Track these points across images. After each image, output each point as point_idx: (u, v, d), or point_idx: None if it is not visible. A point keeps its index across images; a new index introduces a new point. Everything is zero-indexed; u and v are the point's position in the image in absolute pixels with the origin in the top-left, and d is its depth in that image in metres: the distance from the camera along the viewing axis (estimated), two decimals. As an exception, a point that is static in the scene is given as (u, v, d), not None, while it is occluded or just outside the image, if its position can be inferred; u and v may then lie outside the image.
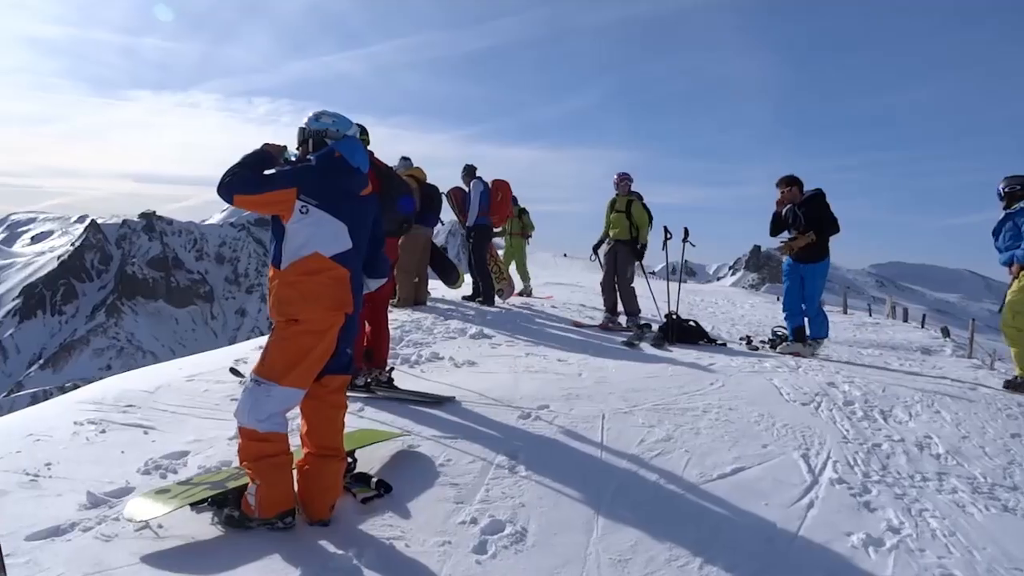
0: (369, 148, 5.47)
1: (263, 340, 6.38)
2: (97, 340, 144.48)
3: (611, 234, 9.06)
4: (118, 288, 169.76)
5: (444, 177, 10.54)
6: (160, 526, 3.14)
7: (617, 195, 9.07)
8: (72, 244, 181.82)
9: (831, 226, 7.23)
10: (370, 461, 3.97)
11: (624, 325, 8.91)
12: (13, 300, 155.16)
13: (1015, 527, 3.53)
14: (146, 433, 4.30)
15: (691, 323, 7.96)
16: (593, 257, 9.59)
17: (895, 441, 4.54)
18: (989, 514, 3.65)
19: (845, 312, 17.37)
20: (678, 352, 7.10)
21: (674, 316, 7.79)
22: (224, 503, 3.26)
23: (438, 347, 6.80)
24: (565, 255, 42.00)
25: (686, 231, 8.19)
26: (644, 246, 8.96)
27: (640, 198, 9.00)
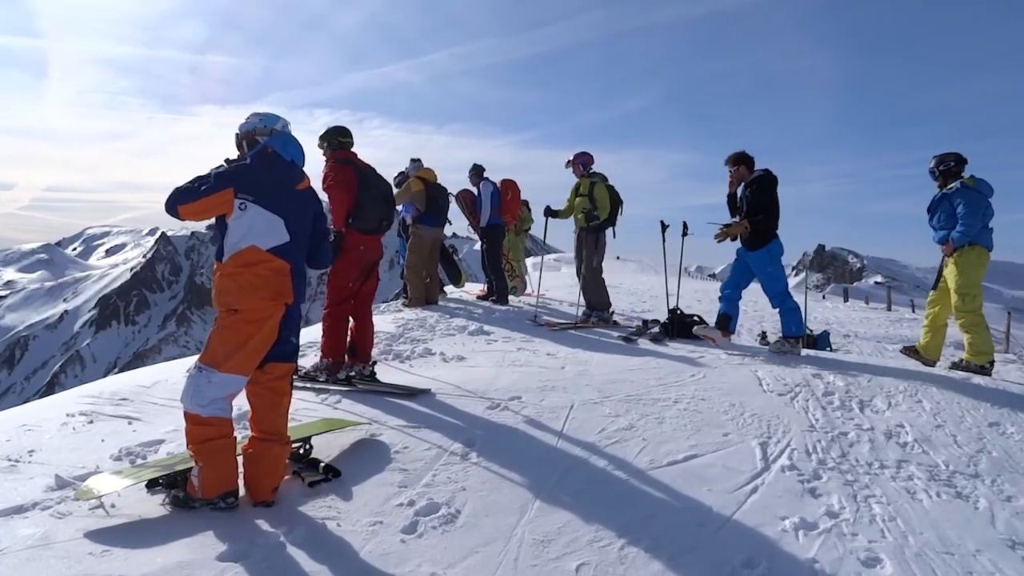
0: (352, 150, 5.65)
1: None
2: (168, 349, 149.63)
3: (576, 219, 8.65)
4: (187, 298, 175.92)
5: (526, 185, 10.32)
6: (112, 505, 3.35)
7: (580, 179, 8.60)
8: (144, 256, 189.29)
9: (767, 214, 6.57)
10: (329, 448, 4.12)
11: (612, 321, 8.63)
12: (89, 311, 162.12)
13: (961, 513, 3.47)
14: (130, 423, 4.54)
15: (695, 318, 7.90)
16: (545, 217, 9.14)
17: (863, 430, 4.47)
18: (939, 501, 3.58)
19: (889, 309, 16.98)
20: (674, 346, 7.06)
21: (677, 312, 7.75)
22: (175, 484, 3.45)
23: (434, 343, 6.93)
24: (618, 258, 41.99)
25: (685, 225, 8.00)
26: (604, 223, 8.43)
27: (604, 179, 8.54)
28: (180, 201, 3.36)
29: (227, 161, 3.56)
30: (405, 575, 2.87)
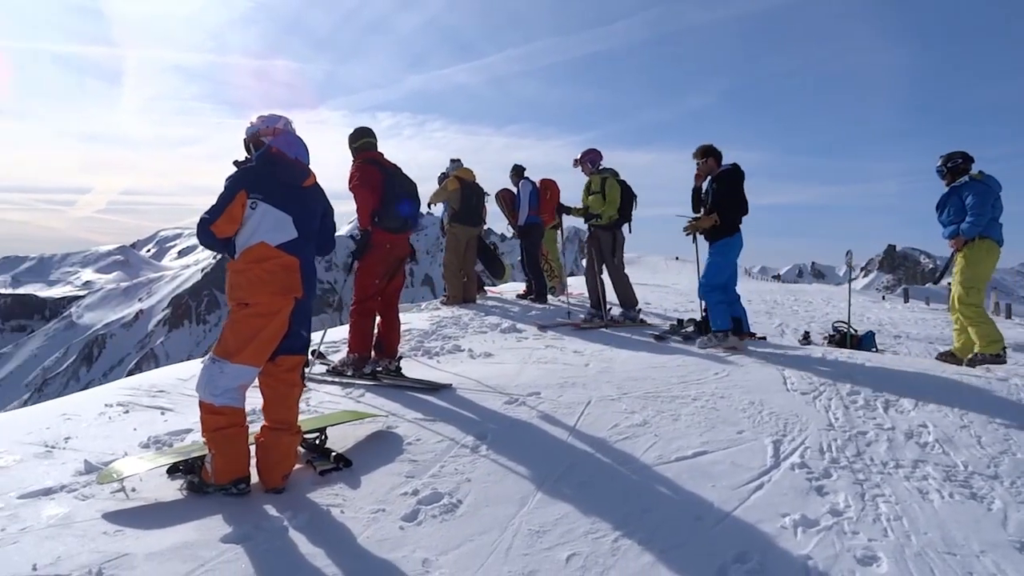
0: (379, 149, 5.80)
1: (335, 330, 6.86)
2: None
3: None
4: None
5: (566, 185, 10.28)
6: (133, 489, 3.53)
7: (590, 176, 8.42)
8: (214, 257, 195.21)
9: (732, 208, 6.53)
10: (344, 439, 4.25)
11: (618, 319, 8.38)
12: (163, 311, 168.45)
13: (971, 514, 3.37)
14: (162, 414, 4.76)
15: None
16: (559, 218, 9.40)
17: (884, 429, 4.38)
18: (951, 501, 3.50)
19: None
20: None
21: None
22: (193, 471, 3.62)
23: (464, 340, 7.03)
24: (677, 258, 41.67)
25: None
26: (619, 220, 8.25)
27: (615, 174, 8.32)
28: (209, 222, 3.52)
29: (235, 163, 3.71)
30: (398, 560, 2.95)
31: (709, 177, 6.75)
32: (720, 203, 6.54)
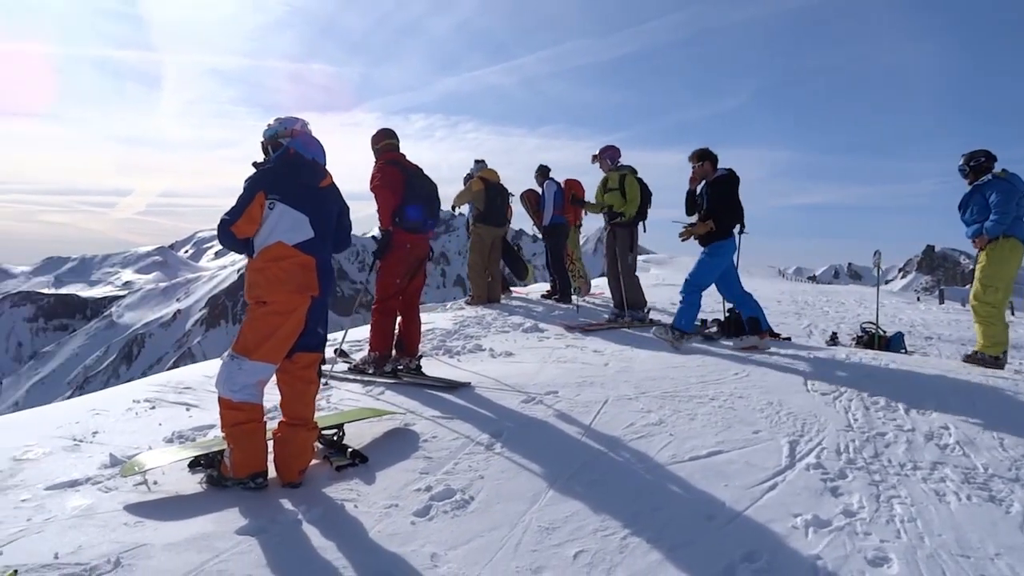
0: (401, 151, 5.87)
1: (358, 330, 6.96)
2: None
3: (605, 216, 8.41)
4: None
5: (592, 185, 10.29)
6: (155, 482, 3.62)
7: (608, 172, 8.40)
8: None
9: (726, 214, 6.52)
10: (362, 436, 4.31)
11: (648, 320, 8.29)
12: (200, 310, 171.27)
13: (988, 517, 3.32)
14: (187, 410, 4.87)
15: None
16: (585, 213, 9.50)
17: (903, 431, 4.33)
18: (968, 503, 3.44)
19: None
20: (727, 345, 6.95)
21: (735, 311, 7.61)
22: (213, 465, 3.71)
23: (486, 340, 7.08)
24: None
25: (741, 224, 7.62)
26: (635, 218, 8.21)
27: (634, 172, 8.30)
28: (229, 223, 3.60)
29: (254, 165, 3.79)
30: (407, 554, 3.00)
31: (704, 181, 6.70)
32: (715, 209, 6.51)
